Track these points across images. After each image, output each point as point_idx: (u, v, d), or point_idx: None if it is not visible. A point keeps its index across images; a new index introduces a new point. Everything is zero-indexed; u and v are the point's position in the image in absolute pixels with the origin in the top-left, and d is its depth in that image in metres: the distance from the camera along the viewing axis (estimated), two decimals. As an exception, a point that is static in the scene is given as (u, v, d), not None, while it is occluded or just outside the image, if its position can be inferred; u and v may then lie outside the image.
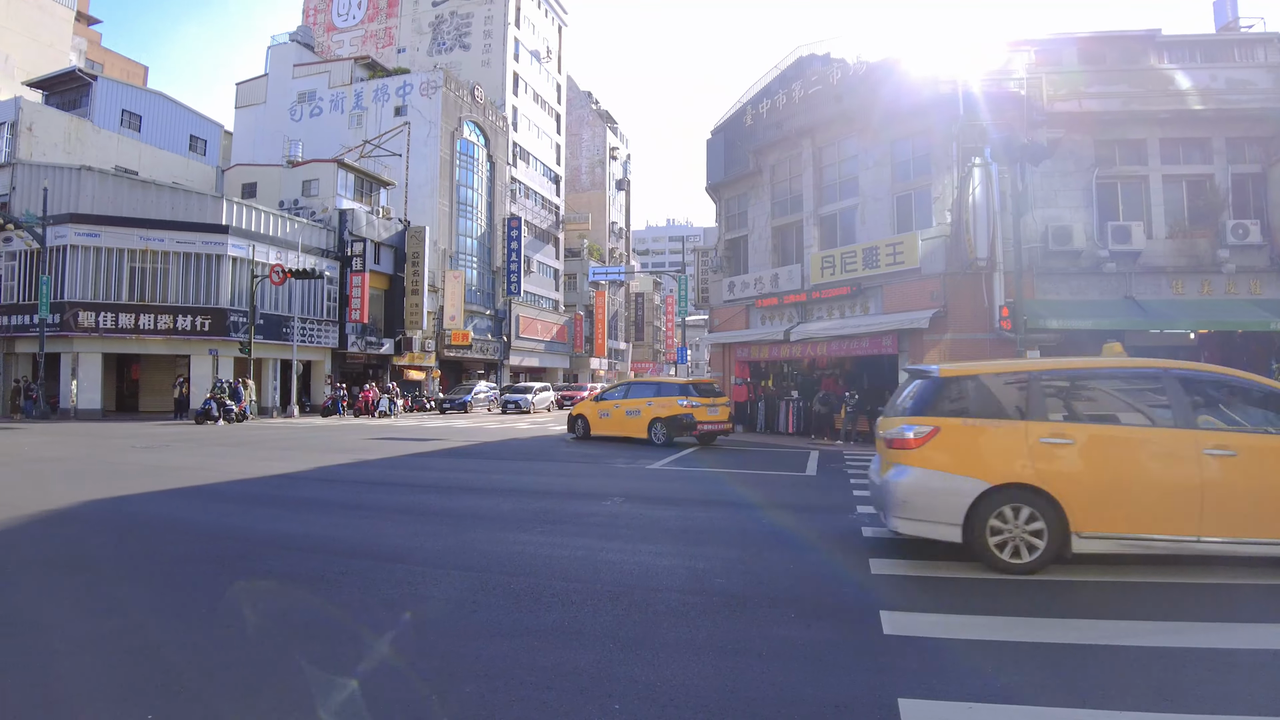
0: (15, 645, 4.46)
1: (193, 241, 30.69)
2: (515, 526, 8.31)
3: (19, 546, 7.28)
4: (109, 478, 12.17)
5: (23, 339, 30.11)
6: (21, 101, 35.70)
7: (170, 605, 5.32)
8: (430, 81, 48.79)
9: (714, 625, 4.88)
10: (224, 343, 30.57)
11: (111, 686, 3.87)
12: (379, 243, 39.51)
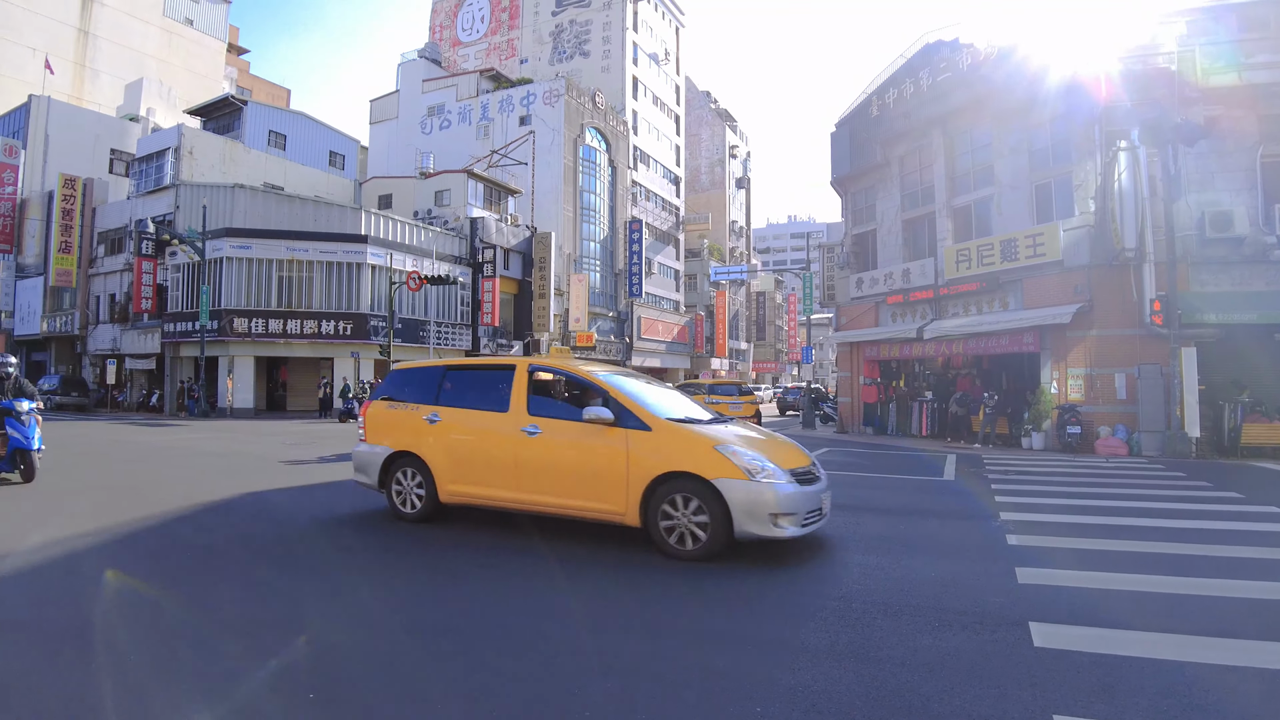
0: (191, 622, 4.81)
1: (335, 251, 32.23)
2: None
3: (191, 533, 7.73)
4: (262, 472, 12.70)
5: (186, 343, 32.43)
6: (183, 128, 38.46)
7: (322, 590, 5.57)
8: (552, 90, 49.63)
9: (854, 631, 4.66)
10: (365, 346, 31.94)
11: (276, 665, 4.02)
12: (508, 249, 40.45)
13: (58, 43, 55.47)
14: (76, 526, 7.71)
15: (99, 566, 6.20)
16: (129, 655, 4.19)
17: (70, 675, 3.85)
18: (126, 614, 5.03)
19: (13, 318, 43.71)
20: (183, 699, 3.62)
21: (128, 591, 5.64)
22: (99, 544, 7.00)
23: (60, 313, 40.36)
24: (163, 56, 60.34)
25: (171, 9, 61.81)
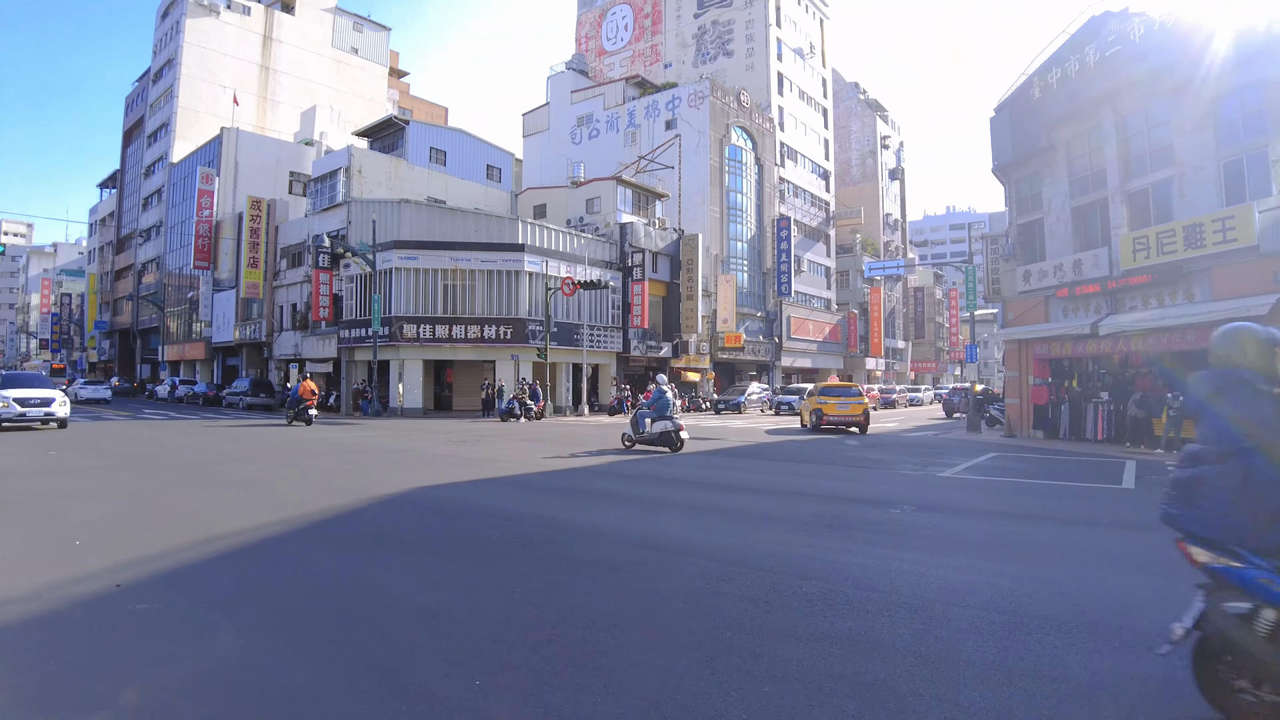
0: (369, 607, 5.07)
1: (494, 260, 33.35)
2: (802, 529, 7.96)
3: (365, 524, 8.18)
4: (431, 467, 13.32)
5: (360, 348, 34.44)
6: (352, 149, 40.98)
7: (489, 582, 5.74)
8: (697, 92, 49.54)
9: (1026, 649, 4.38)
10: (523, 349, 32.85)
11: (443, 651, 4.24)
12: (656, 252, 40.63)
13: (244, 79, 60.74)
14: (270, 515, 8.34)
15: (286, 552, 6.78)
16: (315, 635, 4.52)
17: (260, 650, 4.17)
18: (306, 597, 5.36)
19: (210, 326, 48.01)
20: (354, 678, 3.84)
21: (307, 577, 5.96)
22: (287, 532, 7.57)
23: (250, 321, 43.92)
24: (332, 84, 64.87)
25: (339, 40, 66.34)
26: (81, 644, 4.34)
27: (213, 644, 4.36)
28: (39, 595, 5.20)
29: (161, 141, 60.78)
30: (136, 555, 6.39)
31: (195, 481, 11.18)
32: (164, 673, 3.89)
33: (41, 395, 20.58)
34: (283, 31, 63.32)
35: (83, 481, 11.00)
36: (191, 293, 51.07)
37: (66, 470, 12.35)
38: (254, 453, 16.00)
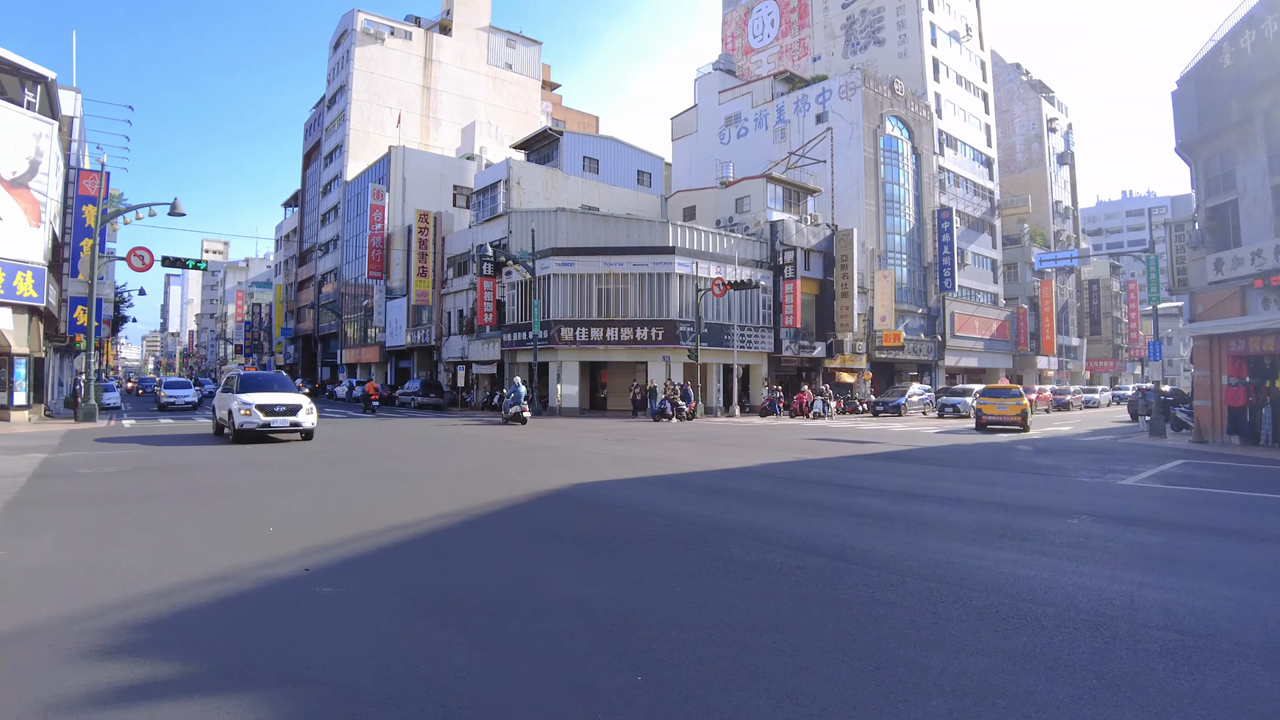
0: (532, 598, 5.29)
1: (646, 263, 33.79)
2: (970, 538, 7.57)
3: (528, 517, 8.51)
4: (588, 465, 13.65)
5: (521, 351, 35.83)
6: (510, 162, 42.63)
7: (648, 580, 5.80)
8: (848, 84, 48.25)
9: (1227, 678, 3.97)
10: (674, 350, 33.08)
11: (604, 646, 4.32)
12: (808, 249, 39.87)
13: (408, 100, 64.48)
14: (438, 508, 8.88)
15: (455, 543, 7.18)
16: (482, 623, 4.70)
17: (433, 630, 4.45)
18: (474, 586, 5.64)
19: (384, 332, 51.28)
20: (518, 666, 3.99)
21: (474, 567, 6.24)
22: (456, 524, 7.99)
23: (420, 327, 46.58)
24: (489, 100, 67.77)
25: (494, 58, 69.18)
26: (273, 621, 4.76)
27: (388, 626, 4.61)
28: (238, 575, 5.80)
29: (336, 162, 65.54)
30: (322, 542, 6.98)
31: (373, 475, 11.95)
32: (346, 651, 4.19)
33: (287, 401, 17.55)
34: (442, 53, 66.79)
35: (274, 475, 12.04)
36: (366, 301, 54.73)
37: (259, 464, 13.55)
38: (425, 449, 16.99)
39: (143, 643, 4.33)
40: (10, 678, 3.82)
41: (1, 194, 23.70)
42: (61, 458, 14.36)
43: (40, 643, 4.32)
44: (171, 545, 6.92)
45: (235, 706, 3.49)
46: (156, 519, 8.17)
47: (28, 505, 8.92)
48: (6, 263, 23.64)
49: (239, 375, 19.58)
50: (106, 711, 3.45)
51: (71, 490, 10.18)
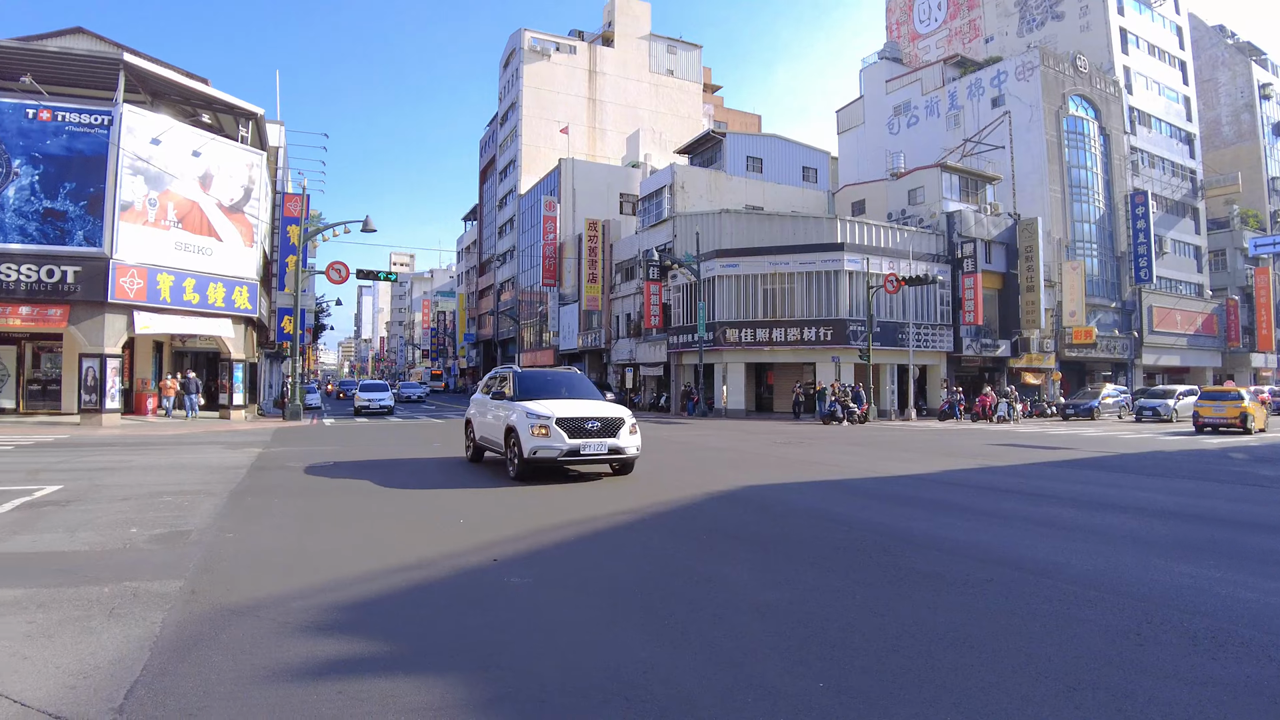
0: (710, 598, 5.35)
1: (813, 261, 33.39)
2: (1177, 554, 6.97)
3: (703, 518, 8.67)
4: (758, 467, 13.74)
5: (687, 353, 36.37)
6: (674, 167, 43.33)
7: (827, 585, 5.75)
8: (1025, 63, 45.50)
9: None
10: (844, 350, 32.46)
11: (785, 649, 4.31)
12: (988, 241, 37.94)
13: (574, 112, 66.84)
14: (613, 506, 9.30)
15: (632, 540, 7.45)
16: (661, 619, 4.82)
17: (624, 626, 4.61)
18: (652, 582, 5.82)
19: (558, 336, 53.46)
20: (698, 664, 4.00)
21: (652, 564, 6.45)
22: (632, 521, 8.32)
23: (590, 331, 48.24)
24: (652, 107, 69.04)
25: (655, 65, 70.41)
26: (466, 608, 5.11)
27: (572, 619, 4.86)
28: (433, 563, 6.33)
29: (510, 176, 68.96)
30: (506, 535, 7.48)
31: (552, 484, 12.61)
32: (533, 640, 4.46)
33: (602, 414, 11.30)
34: (605, 64, 68.75)
35: None
36: (541, 307, 57.27)
37: (449, 458, 14.73)
38: None
39: (350, 622, 4.82)
40: (242, 645, 4.36)
41: (222, 219, 26.93)
42: (274, 452, 16.16)
43: (264, 616, 4.91)
44: (373, 533, 7.68)
45: (434, 687, 3.78)
46: (360, 508, 9.11)
47: (248, 494, 10.12)
48: (227, 279, 26.86)
49: (515, 373, 13.08)
50: (321, 681, 3.86)
51: (284, 482, 11.48)
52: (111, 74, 24.43)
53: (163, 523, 8.02)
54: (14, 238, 22.87)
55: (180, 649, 4.28)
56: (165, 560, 6.42)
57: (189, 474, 12.16)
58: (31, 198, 23.09)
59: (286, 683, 3.84)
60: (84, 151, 23.55)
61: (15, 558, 6.47)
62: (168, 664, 4.04)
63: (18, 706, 3.54)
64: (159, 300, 24.57)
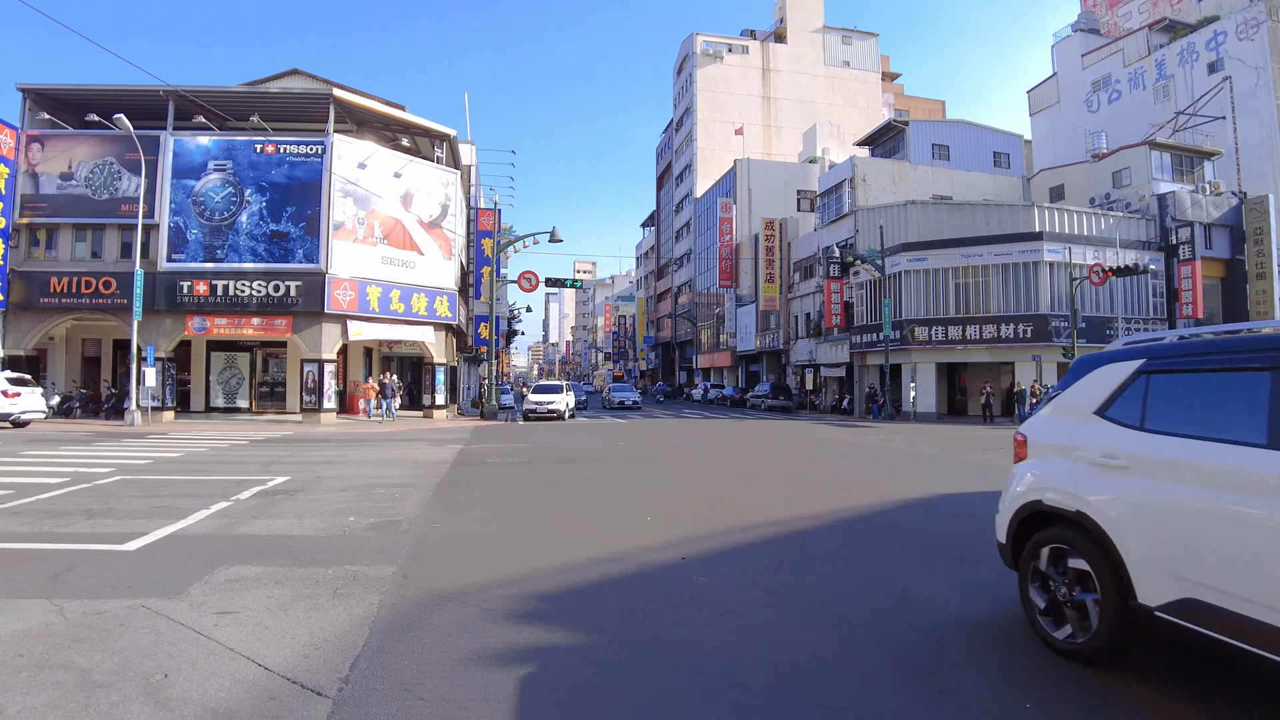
0: (905, 608, 5.26)
1: (1009, 252, 31.79)
2: None
3: (893, 524, 8.46)
4: (954, 474, 13.27)
5: (871, 353, 35.64)
6: (854, 160, 42.49)
7: None
8: (1248, 20, 40.87)
9: None
10: (1045, 348, 30.66)
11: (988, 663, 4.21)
12: (1208, 224, 34.52)
13: (749, 112, 66.99)
14: (799, 509, 9.38)
15: (817, 544, 7.47)
16: (851, 626, 4.83)
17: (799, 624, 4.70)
18: (839, 588, 5.81)
19: (735, 337, 53.88)
20: (893, 677, 3.98)
21: (838, 569, 6.44)
22: (817, 526, 8.35)
23: (768, 331, 48.28)
24: (828, 101, 67.93)
25: (830, 57, 69.21)
26: (657, 603, 5.34)
27: (762, 621, 4.96)
28: (624, 558, 6.71)
29: (686, 181, 70.10)
30: (693, 534, 7.73)
31: (730, 472, 12.98)
32: (723, 639, 4.61)
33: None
34: (778, 61, 68.37)
35: (645, 467, 13.74)
36: (718, 308, 57.90)
37: (634, 457, 15.58)
38: (777, 449, 17.90)
39: (549, 611, 5.16)
40: (450, 629, 4.77)
41: (422, 234, 29.61)
42: (473, 449, 17.60)
43: (469, 603, 5.34)
44: (566, 527, 8.17)
45: (630, 678, 3.98)
46: (553, 503, 9.78)
47: (452, 488, 11.14)
48: (428, 289, 29.52)
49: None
50: (522, 666, 4.15)
51: (483, 476, 12.53)
52: (323, 108, 27.61)
53: (376, 512, 8.98)
54: (247, 257, 26.61)
55: (395, 629, 4.77)
56: (380, 547, 7.16)
57: (398, 468, 13.53)
58: (260, 222, 26.78)
59: (491, 666, 4.16)
60: (302, 178, 26.95)
61: (255, 539, 7.48)
62: (385, 642, 4.52)
63: (262, 670, 4.09)
64: (368, 310, 27.54)
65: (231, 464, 14.07)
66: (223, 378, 30.92)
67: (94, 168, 26.84)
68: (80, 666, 4.08)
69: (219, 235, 26.65)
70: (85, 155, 26.96)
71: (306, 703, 3.67)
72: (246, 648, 4.41)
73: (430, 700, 3.70)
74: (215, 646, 4.43)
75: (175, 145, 26.80)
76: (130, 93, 26.84)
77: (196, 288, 26.23)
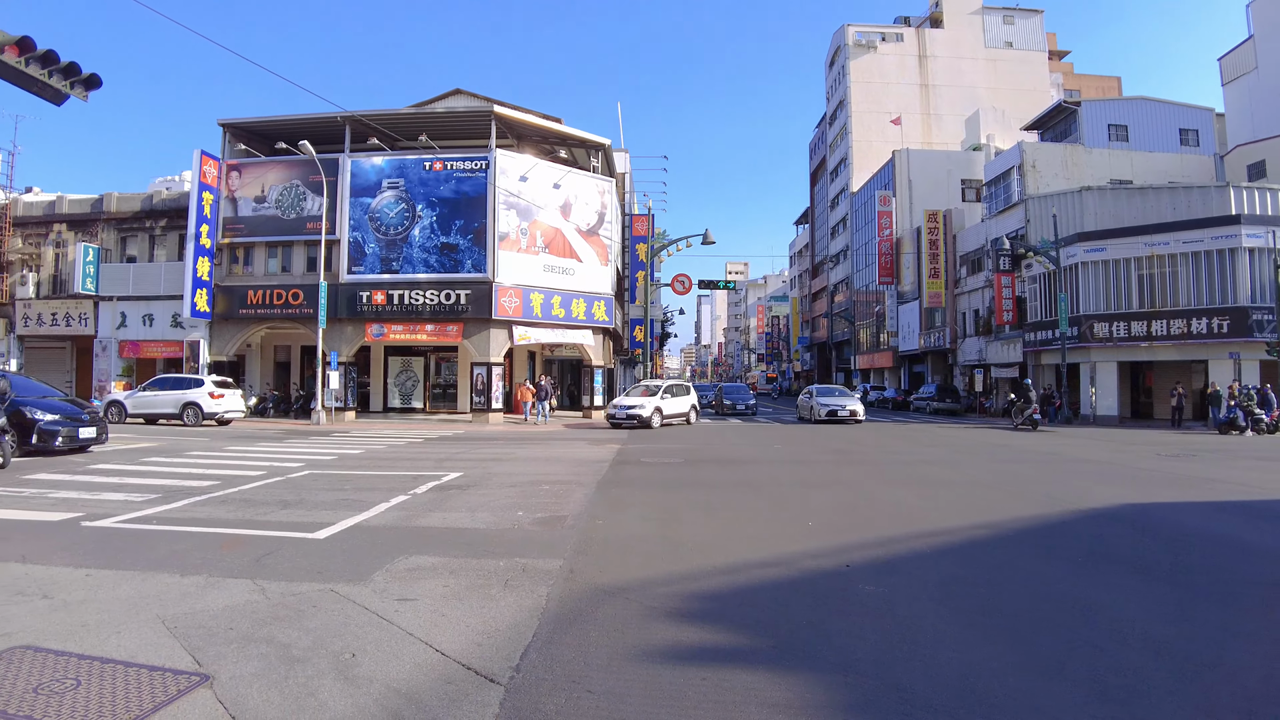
0: (1086, 626, 4.98)
1: (1199, 239, 29.13)
2: None
3: (1073, 536, 8.09)
4: (1140, 483, 12.41)
5: (1046, 351, 33.61)
6: (1022, 145, 40.19)
7: (1238, 627, 5.07)
8: None
9: None
10: (1245, 344, 27.81)
11: (1192, 698, 3.86)
12: None
13: (906, 101, 64.86)
14: (969, 517, 9.06)
15: (991, 555, 7.18)
16: (1029, 643, 4.46)
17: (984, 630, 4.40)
18: (1014, 602, 5.57)
19: (896, 336, 52.22)
20: (1079, 698, 3.72)
21: (1014, 582, 6.18)
22: (991, 537, 8.01)
23: (933, 330, 46.49)
24: (990, 84, 64.56)
25: (990, 39, 65.77)
26: (823, 610, 5.28)
27: (932, 633, 4.80)
28: (786, 562, 6.66)
29: (841, 175, 68.64)
30: (857, 540, 7.58)
31: (897, 478, 12.73)
32: (893, 650, 4.46)
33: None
34: (935, 47, 65.67)
35: (808, 471, 13.73)
36: (878, 307, 56.31)
37: (791, 460, 15.64)
38: (945, 454, 17.33)
39: (711, 611, 5.17)
40: (614, 624, 4.89)
41: (580, 241, 30.81)
42: (631, 449, 18.15)
43: (631, 599, 5.44)
44: (726, 528, 8.22)
45: (794, 684, 3.93)
46: (712, 504, 9.92)
47: (613, 485, 11.56)
48: (586, 295, 30.67)
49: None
50: (686, 666, 4.19)
51: (641, 475, 12.94)
52: (484, 124, 29.43)
53: (542, 508, 9.47)
54: (419, 269, 28.83)
55: (563, 622, 4.94)
56: (546, 541, 7.50)
57: (561, 466, 14.23)
58: (431, 235, 28.95)
59: (655, 663, 4.23)
60: (468, 193, 28.91)
61: (432, 531, 8.01)
62: (553, 634, 4.70)
63: (439, 655, 4.34)
64: (531, 315, 29.13)
65: (408, 460, 15.27)
66: (399, 380, 33.51)
67: (283, 190, 30.02)
68: (280, 641, 4.57)
69: (394, 248, 29.09)
70: (275, 180, 30.23)
71: (480, 688, 3.89)
72: (424, 633, 4.74)
73: (597, 694, 3.82)
74: (396, 631, 4.78)
75: (353, 166, 29.59)
76: (311, 120, 29.76)
77: (374, 297, 28.74)
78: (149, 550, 7.03)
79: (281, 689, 3.86)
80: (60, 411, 15.47)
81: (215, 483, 11.46)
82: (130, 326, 31.67)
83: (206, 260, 29.29)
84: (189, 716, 3.54)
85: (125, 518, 8.61)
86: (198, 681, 3.92)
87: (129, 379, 31.26)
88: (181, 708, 3.61)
